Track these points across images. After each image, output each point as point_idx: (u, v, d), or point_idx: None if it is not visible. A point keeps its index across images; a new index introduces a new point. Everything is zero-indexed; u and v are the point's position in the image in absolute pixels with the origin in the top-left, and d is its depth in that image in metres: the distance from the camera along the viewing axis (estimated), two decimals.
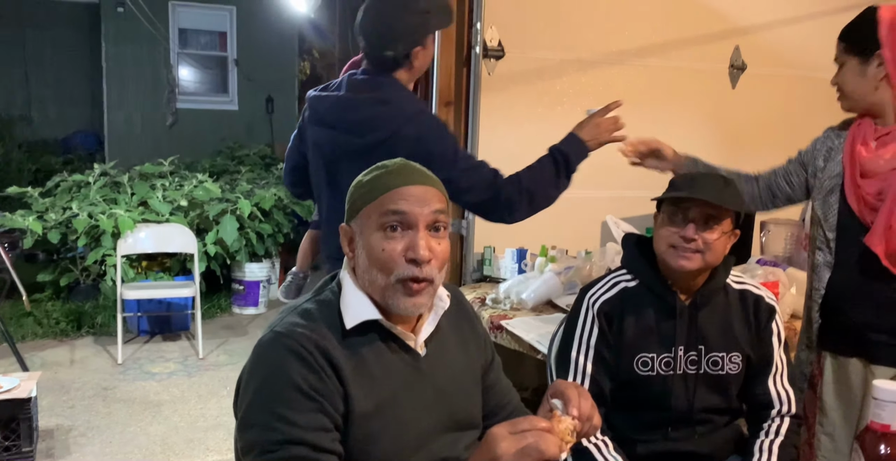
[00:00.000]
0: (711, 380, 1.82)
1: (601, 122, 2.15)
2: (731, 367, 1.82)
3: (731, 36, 3.47)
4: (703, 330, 1.81)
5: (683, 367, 1.81)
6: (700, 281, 1.81)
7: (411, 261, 1.24)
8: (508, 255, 3.04)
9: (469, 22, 3.06)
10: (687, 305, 1.81)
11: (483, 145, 3.13)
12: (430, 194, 1.27)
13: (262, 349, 1.24)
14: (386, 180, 1.27)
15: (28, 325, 4.95)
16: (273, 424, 1.16)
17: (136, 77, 9.74)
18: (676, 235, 1.74)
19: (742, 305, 1.85)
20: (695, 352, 1.81)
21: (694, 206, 1.73)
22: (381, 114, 2.05)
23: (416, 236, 1.24)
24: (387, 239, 1.24)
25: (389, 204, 1.24)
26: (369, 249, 1.26)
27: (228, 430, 3.55)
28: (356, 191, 1.30)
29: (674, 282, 1.81)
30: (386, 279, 1.25)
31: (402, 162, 1.32)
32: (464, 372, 1.40)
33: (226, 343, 4.91)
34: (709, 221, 1.73)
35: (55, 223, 5.05)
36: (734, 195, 1.76)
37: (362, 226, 1.27)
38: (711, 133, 3.54)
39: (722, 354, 1.82)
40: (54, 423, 3.57)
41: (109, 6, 9.51)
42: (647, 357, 1.80)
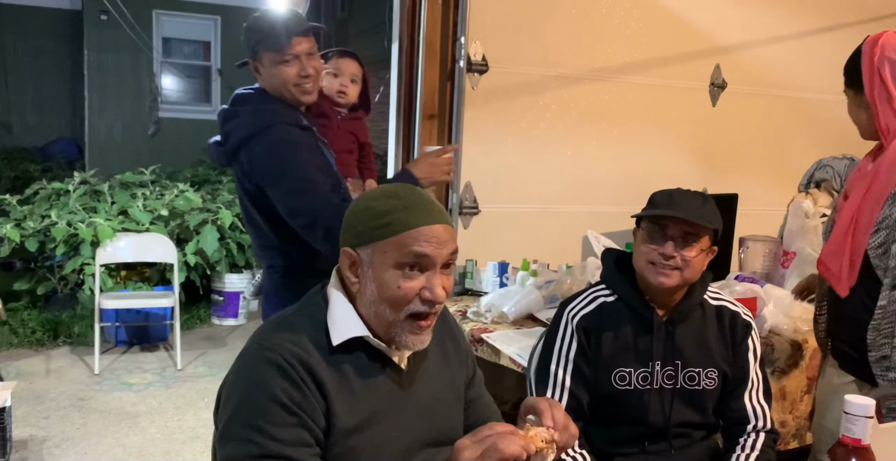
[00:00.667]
0: (688, 395, 1.84)
1: (437, 162, 2.13)
2: (707, 383, 1.84)
3: (712, 54, 3.53)
4: (679, 345, 1.83)
5: (660, 382, 1.83)
6: (678, 297, 1.83)
7: (426, 301, 1.25)
8: (490, 269, 3.05)
9: (453, 36, 3.09)
10: (664, 321, 1.83)
11: (466, 159, 3.15)
12: (448, 234, 1.27)
13: (244, 361, 1.24)
14: (406, 217, 1.24)
15: (3, 335, 4.88)
16: (253, 438, 1.16)
17: (118, 85, 9.70)
18: (655, 252, 1.76)
19: (718, 321, 1.88)
20: (672, 367, 1.83)
21: (673, 224, 1.75)
22: (236, 125, 2.11)
23: (433, 278, 1.25)
24: (404, 278, 1.24)
25: (413, 244, 1.23)
26: (382, 284, 1.25)
27: (206, 443, 3.52)
28: (369, 220, 1.26)
29: (652, 297, 1.83)
30: (395, 315, 1.25)
31: (414, 192, 1.30)
32: (446, 387, 1.41)
33: (205, 354, 4.87)
34: (688, 239, 1.76)
35: (33, 231, 5.00)
36: (712, 213, 1.79)
37: (374, 258, 1.25)
38: (691, 150, 3.59)
39: (698, 370, 1.84)
40: (28, 434, 3.52)
41: (93, 14, 9.48)
42: (625, 371, 1.82)
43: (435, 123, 3.17)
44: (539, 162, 3.31)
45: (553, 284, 2.79)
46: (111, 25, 9.19)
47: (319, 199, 2.00)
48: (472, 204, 3.21)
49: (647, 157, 3.49)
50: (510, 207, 3.29)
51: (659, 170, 3.43)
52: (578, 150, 3.36)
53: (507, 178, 3.28)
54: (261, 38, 2.12)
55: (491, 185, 3.25)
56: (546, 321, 2.60)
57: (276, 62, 2.11)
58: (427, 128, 3.17)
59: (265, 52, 2.12)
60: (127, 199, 5.38)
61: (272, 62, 2.11)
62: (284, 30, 2.10)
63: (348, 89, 2.46)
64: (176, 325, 4.66)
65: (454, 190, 3.18)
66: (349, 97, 2.47)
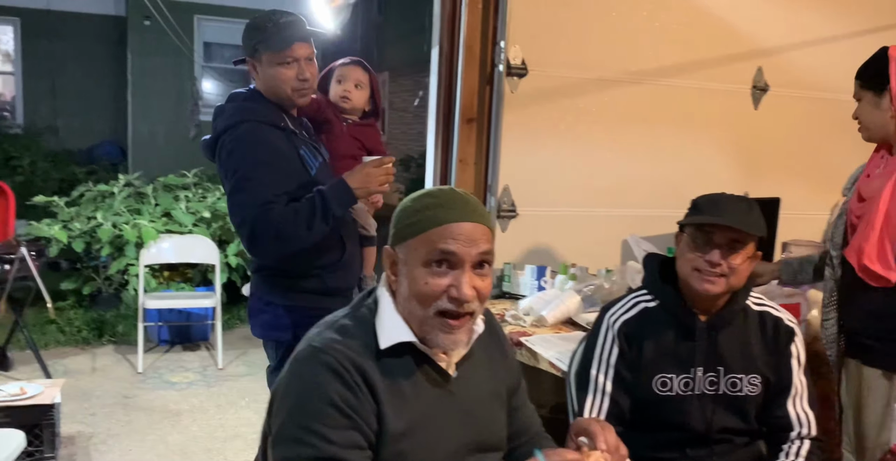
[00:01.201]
0: (730, 401, 1.82)
1: (372, 172, 2.12)
2: (750, 389, 1.83)
3: (754, 57, 3.49)
4: (722, 351, 1.82)
5: (702, 388, 1.82)
6: (720, 302, 1.82)
7: (453, 299, 1.25)
8: (528, 272, 3.06)
9: (493, 40, 3.10)
10: (706, 327, 1.82)
11: (504, 162, 3.16)
12: (478, 233, 1.27)
13: (298, 363, 1.26)
14: (436, 214, 1.26)
15: (51, 333, 5.01)
16: (307, 439, 1.18)
17: (160, 89, 9.87)
18: (701, 260, 1.75)
19: (761, 327, 1.86)
20: (713, 373, 1.82)
21: (719, 231, 1.74)
22: (218, 120, 2.16)
23: (461, 276, 1.25)
24: (432, 274, 1.25)
25: (439, 241, 1.24)
26: (412, 281, 1.27)
27: (246, 441, 3.58)
28: (404, 217, 1.30)
29: (694, 303, 1.82)
30: (424, 312, 1.27)
31: (451, 192, 1.31)
32: (492, 395, 1.42)
33: (245, 354, 4.94)
34: (734, 246, 1.74)
35: (80, 232, 5.13)
36: (758, 219, 1.77)
37: (407, 255, 1.28)
38: (732, 153, 3.55)
39: (741, 376, 1.82)
40: (76, 430, 3.62)
41: (136, 19, 9.67)
42: (666, 377, 1.81)
43: (473, 127, 3.19)
44: (578, 165, 3.30)
45: (593, 288, 2.79)
46: (154, 31, 9.36)
47: (251, 198, 2.02)
48: (510, 207, 3.22)
49: (688, 160, 3.46)
50: (548, 210, 3.29)
51: (699, 173, 3.40)
52: (617, 154, 3.35)
53: (546, 181, 3.28)
54: (263, 37, 2.14)
55: (529, 188, 3.25)
56: (585, 325, 2.60)
57: (276, 63, 2.13)
58: (465, 131, 3.18)
59: (266, 52, 2.14)
60: (170, 201, 5.48)
61: (272, 62, 2.14)
62: (288, 32, 2.13)
63: (351, 94, 2.51)
64: (217, 325, 4.74)
65: (492, 193, 3.19)
66: (353, 102, 2.52)
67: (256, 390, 4.26)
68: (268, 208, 2.01)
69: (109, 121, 10.65)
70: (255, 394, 4.21)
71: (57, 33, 10.13)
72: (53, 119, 10.32)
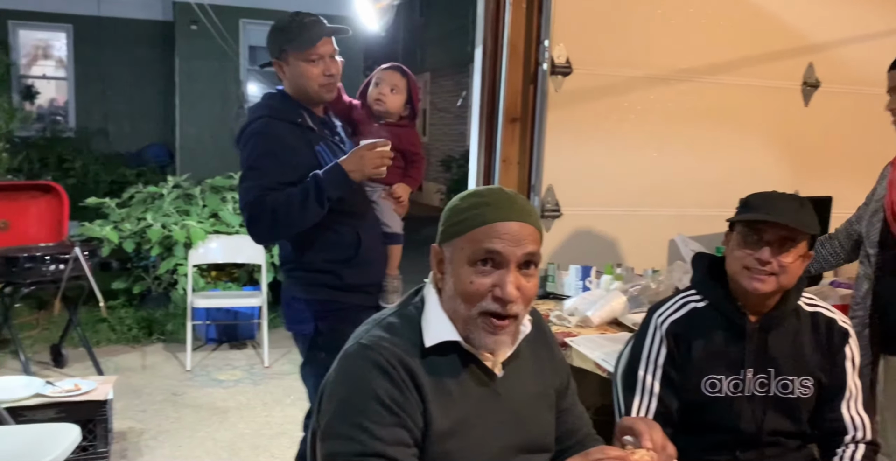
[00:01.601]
0: (781, 403, 1.79)
1: (365, 154, 2.18)
2: (802, 391, 1.79)
3: (804, 53, 3.41)
4: (773, 352, 1.79)
5: (752, 390, 1.79)
6: (771, 303, 1.79)
7: (498, 299, 1.25)
8: (573, 272, 3.04)
9: (537, 39, 3.09)
10: (757, 327, 1.79)
11: (548, 162, 3.14)
12: (525, 232, 1.26)
13: (346, 361, 1.27)
14: (482, 212, 1.27)
15: (103, 331, 5.14)
16: (355, 436, 1.19)
17: (206, 92, 10.05)
18: (751, 257, 1.72)
19: (814, 328, 1.82)
20: (764, 374, 1.79)
21: (770, 229, 1.71)
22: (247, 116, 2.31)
23: (506, 275, 1.25)
24: (476, 273, 1.25)
25: (484, 240, 1.25)
26: (457, 279, 1.27)
27: (292, 439, 3.62)
28: (451, 216, 1.31)
29: (744, 303, 1.79)
30: (468, 311, 1.27)
31: (499, 192, 1.31)
32: (539, 395, 1.41)
33: (290, 352, 5.00)
34: (785, 244, 1.71)
35: (130, 233, 5.24)
36: (810, 217, 1.74)
37: (453, 254, 1.29)
38: (781, 151, 3.48)
39: (792, 378, 1.79)
40: (127, 426, 3.70)
41: (184, 24, 9.87)
42: (716, 378, 1.78)
43: (517, 126, 3.18)
44: (623, 164, 3.27)
45: (639, 289, 2.76)
46: (200, 35, 9.54)
47: (252, 185, 2.16)
48: (553, 206, 3.20)
49: (736, 158, 3.40)
50: (593, 210, 3.26)
51: (748, 172, 3.35)
52: (664, 152, 3.31)
53: (590, 180, 3.25)
54: (289, 38, 2.24)
55: (573, 187, 3.22)
56: (632, 326, 2.57)
57: (302, 61, 2.24)
58: (509, 131, 3.18)
59: (293, 52, 2.24)
60: (217, 202, 5.58)
61: (298, 61, 2.24)
62: (313, 31, 2.23)
63: (385, 98, 2.55)
64: (263, 324, 4.81)
65: (536, 193, 3.18)
66: (387, 105, 2.55)
67: (301, 388, 4.25)
68: (264, 194, 2.13)
69: (158, 124, 10.88)
70: (301, 392, 4.22)
71: (107, 39, 10.39)
72: (104, 123, 10.58)
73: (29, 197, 4.66)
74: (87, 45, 10.42)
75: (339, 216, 2.27)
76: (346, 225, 2.30)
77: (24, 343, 4.60)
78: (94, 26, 10.27)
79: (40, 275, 4.13)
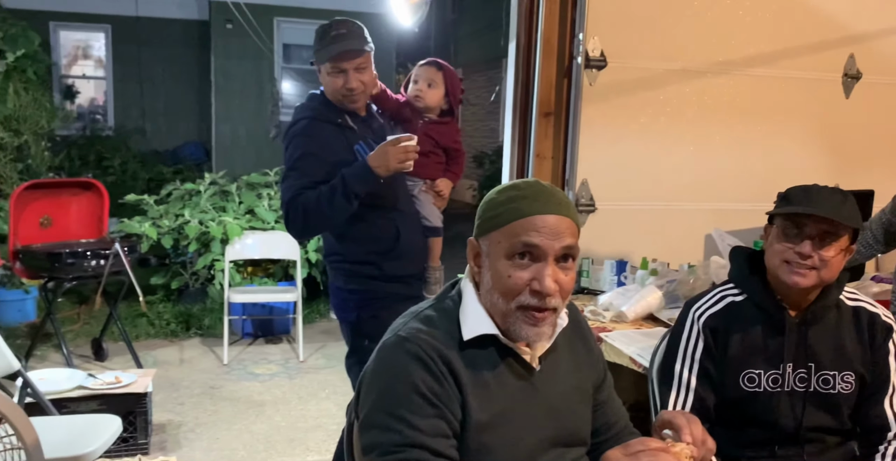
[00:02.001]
0: (822, 398, 1.76)
1: (389, 149, 2.23)
2: (843, 387, 1.76)
3: (845, 44, 3.35)
4: (813, 347, 1.76)
5: (792, 385, 1.76)
6: (812, 297, 1.76)
7: (536, 292, 1.25)
8: (608, 267, 3.02)
9: (571, 32, 3.07)
10: (797, 322, 1.76)
11: (583, 156, 3.13)
12: (563, 225, 1.26)
13: (385, 352, 1.28)
14: (520, 206, 1.26)
15: (142, 326, 5.23)
16: (394, 426, 1.19)
17: (242, 91, 10.16)
18: (791, 251, 1.69)
19: (856, 323, 1.79)
20: (804, 369, 1.76)
21: (811, 222, 1.67)
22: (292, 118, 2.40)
23: (544, 268, 1.24)
24: (514, 267, 1.25)
25: (522, 234, 1.24)
26: (495, 273, 1.27)
27: (328, 432, 3.65)
28: (488, 210, 1.30)
29: (784, 297, 1.77)
30: (507, 305, 1.27)
31: (536, 185, 1.31)
32: (575, 389, 1.41)
33: (324, 347, 5.04)
34: (826, 238, 1.68)
35: (168, 229, 5.33)
36: (853, 211, 1.70)
37: (490, 247, 1.28)
38: (821, 144, 3.42)
39: (833, 373, 1.76)
40: (166, 419, 3.77)
41: (219, 23, 9.98)
42: (754, 373, 1.76)
43: (551, 121, 3.17)
44: (659, 158, 3.24)
45: (675, 284, 2.74)
46: (236, 34, 9.65)
47: (290, 184, 2.26)
48: (588, 201, 3.19)
49: (774, 152, 3.35)
50: (628, 205, 3.24)
51: (787, 166, 3.30)
52: (700, 146, 3.27)
53: (625, 174, 3.23)
54: (319, 47, 2.32)
55: (608, 182, 3.21)
56: (667, 321, 2.55)
57: (328, 72, 2.32)
58: (543, 125, 3.17)
59: (320, 62, 2.33)
60: (253, 198, 5.64)
61: (325, 71, 2.33)
62: (337, 46, 2.29)
63: (423, 93, 2.59)
64: (298, 319, 4.85)
65: (570, 187, 3.17)
66: (426, 101, 2.59)
67: (336, 382, 4.34)
68: (300, 193, 2.23)
69: (194, 122, 11.03)
70: (335, 386, 4.29)
71: (145, 39, 10.57)
72: (142, 121, 10.77)
73: (70, 194, 4.76)
74: (125, 44, 10.60)
75: (380, 210, 2.36)
76: (386, 219, 2.38)
77: (67, 337, 4.70)
78: (131, 26, 10.45)
79: (82, 271, 4.22)
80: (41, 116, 6.10)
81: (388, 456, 1.19)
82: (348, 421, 1.46)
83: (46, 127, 6.23)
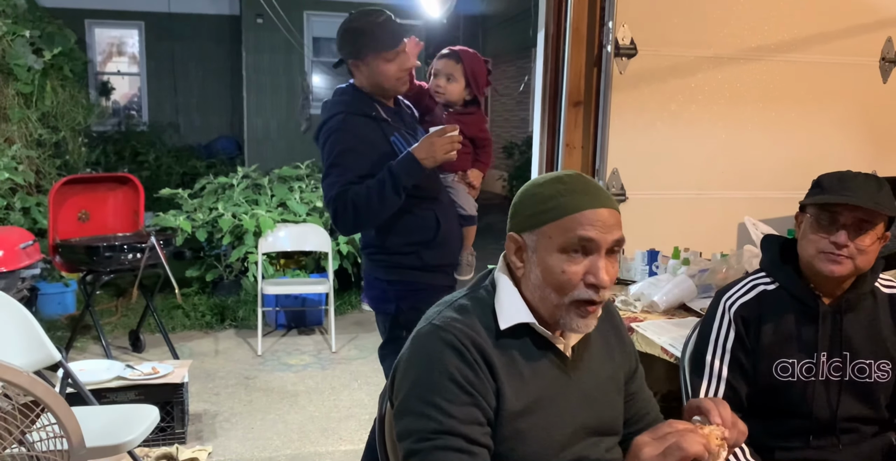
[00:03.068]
0: (857, 387, 1.74)
1: (435, 141, 2.24)
2: (879, 375, 1.74)
3: (882, 27, 3.27)
4: (848, 335, 1.74)
5: (826, 374, 1.74)
6: (846, 285, 1.74)
7: (591, 285, 1.25)
8: (639, 257, 3.00)
9: (600, 21, 3.05)
10: (831, 310, 1.74)
11: (613, 145, 3.11)
12: (614, 219, 1.26)
13: (420, 340, 1.29)
14: (572, 200, 1.25)
15: (178, 317, 5.32)
16: (430, 413, 1.20)
17: (272, 85, 10.24)
18: (826, 241, 1.67)
19: (892, 310, 1.77)
20: (839, 358, 1.74)
21: (846, 211, 1.65)
22: (322, 115, 2.36)
23: (598, 261, 1.25)
24: (569, 262, 1.25)
25: (578, 228, 1.24)
26: (547, 269, 1.26)
27: (360, 422, 3.69)
28: (535, 203, 1.29)
29: (817, 286, 1.75)
30: (560, 299, 1.27)
31: (581, 178, 1.30)
32: (608, 378, 1.41)
33: (356, 338, 5.08)
34: (862, 226, 1.65)
35: (202, 222, 5.40)
36: (888, 198, 1.67)
37: (540, 242, 1.27)
38: (858, 131, 3.35)
39: (869, 361, 1.74)
40: (202, 408, 3.83)
41: (250, 18, 10.06)
42: (787, 362, 1.74)
43: (581, 110, 3.15)
44: (690, 146, 3.20)
45: (707, 273, 2.71)
46: (266, 28, 9.71)
47: (335, 181, 2.25)
48: (619, 190, 3.17)
49: (809, 139, 3.30)
50: (659, 194, 3.21)
51: (822, 153, 3.24)
52: (733, 134, 3.23)
53: (656, 163, 3.20)
54: (369, 40, 2.30)
55: (639, 171, 3.18)
56: (699, 311, 2.53)
57: (383, 60, 2.30)
58: (573, 115, 3.15)
59: (373, 52, 2.30)
60: (285, 191, 5.69)
61: (378, 60, 2.30)
62: (392, 31, 2.31)
63: (443, 88, 2.61)
64: (330, 310, 4.90)
65: (600, 177, 3.15)
66: (446, 95, 2.61)
67: (368, 373, 4.37)
68: (347, 189, 2.23)
69: (226, 116, 11.15)
70: (367, 377, 4.33)
71: (177, 35, 10.69)
72: (175, 116, 10.91)
73: (107, 189, 4.84)
74: (158, 41, 10.75)
75: (419, 201, 2.36)
76: (425, 209, 2.39)
77: (105, 329, 4.79)
78: (164, 23, 10.58)
79: (119, 264, 4.29)
80: (78, 113, 6.20)
81: (423, 442, 1.20)
82: (381, 409, 1.47)
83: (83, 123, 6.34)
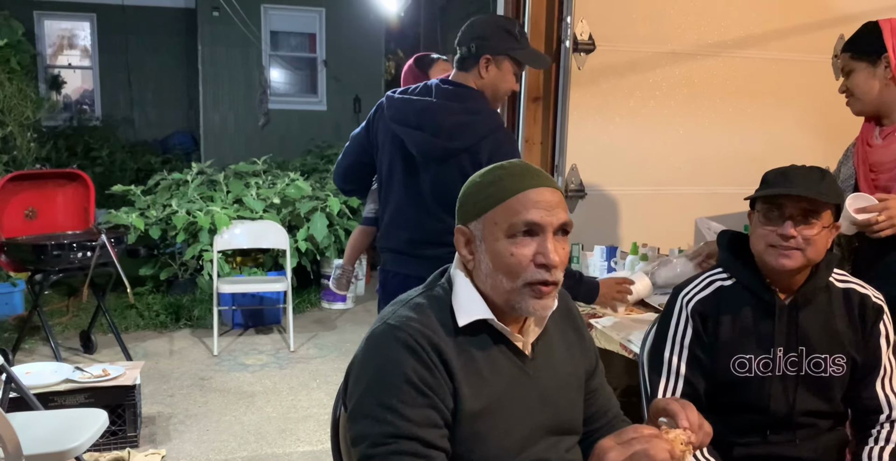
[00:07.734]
0: (813, 382, 1.75)
1: (614, 286, 2.34)
2: (834, 370, 1.74)
3: (834, 24, 3.31)
4: (804, 330, 1.74)
5: (783, 369, 1.74)
6: (800, 279, 1.74)
7: (541, 265, 1.23)
8: (598, 253, 2.99)
9: (559, 16, 3.03)
10: (787, 305, 1.74)
11: (572, 141, 3.10)
12: (556, 199, 1.25)
13: (374, 341, 1.25)
14: (512, 182, 1.25)
15: (131, 317, 5.20)
16: (385, 417, 1.17)
17: (229, 79, 10.07)
18: (774, 234, 1.67)
19: (846, 305, 1.77)
20: (795, 353, 1.74)
21: (789, 202, 1.66)
22: (471, 122, 2.24)
23: (545, 241, 1.23)
24: (516, 245, 1.23)
25: (521, 211, 1.22)
26: (495, 254, 1.24)
27: (318, 422, 3.63)
28: (476, 193, 1.28)
29: (773, 280, 1.75)
30: (512, 283, 1.24)
31: (519, 162, 1.30)
32: (568, 376, 1.39)
33: (315, 337, 5.02)
34: (807, 216, 1.66)
35: (156, 220, 5.28)
36: (832, 187, 1.68)
37: (486, 230, 1.26)
38: (814, 127, 3.40)
39: (825, 356, 1.74)
40: (156, 410, 3.74)
41: (205, 10, 9.87)
42: (745, 358, 1.74)
43: (539, 106, 3.14)
44: (649, 142, 3.21)
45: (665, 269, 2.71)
46: (222, 21, 9.54)
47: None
48: (577, 187, 3.16)
49: (766, 135, 3.33)
50: (618, 190, 3.21)
51: (779, 148, 3.27)
52: (691, 130, 3.24)
53: (615, 159, 3.20)
54: (518, 47, 2.28)
55: (598, 167, 3.18)
56: (658, 307, 2.53)
57: (513, 70, 2.30)
58: (532, 111, 3.13)
59: (512, 59, 2.28)
60: (241, 188, 5.59)
61: (511, 67, 2.29)
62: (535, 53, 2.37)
63: None
64: (288, 309, 4.82)
65: (559, 173, 3.14)
66: None
67: (327, 372, 4.32)
68: None
69: (182, 111, 10.94)
70: (326, 376, 4.27)
71: (131, 28, 10.44)
72: (129, 111, 10.66)
73: (55, 185, 4.70)
74: (111, 34, 10.48)
75: None
76: None
77: (55, 329, 4.67)
78: (117, 15, 10.32)
79: (68, 263, 4.17)
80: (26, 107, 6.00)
81: (378, 447, 1.16)
82: (335, 412, 1.43)
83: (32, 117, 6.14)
